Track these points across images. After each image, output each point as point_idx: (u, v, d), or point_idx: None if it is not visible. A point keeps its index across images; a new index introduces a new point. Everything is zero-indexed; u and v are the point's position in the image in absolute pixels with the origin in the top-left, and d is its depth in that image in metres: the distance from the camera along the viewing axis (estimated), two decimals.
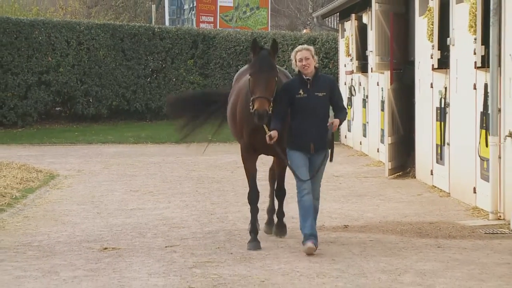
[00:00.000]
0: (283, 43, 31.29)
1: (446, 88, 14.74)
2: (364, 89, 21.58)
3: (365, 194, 14.80)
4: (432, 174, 15.66)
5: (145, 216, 12.85)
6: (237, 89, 10.76)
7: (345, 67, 24.45)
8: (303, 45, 10.47)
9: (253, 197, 10.57)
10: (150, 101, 31.72)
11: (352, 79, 23.20)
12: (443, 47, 14.76)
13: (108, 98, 30.61)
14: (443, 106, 14.86)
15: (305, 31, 38.42)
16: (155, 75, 32.07)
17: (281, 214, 10.99)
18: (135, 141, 26.14)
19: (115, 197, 14.88)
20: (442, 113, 14.90)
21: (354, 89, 23.00)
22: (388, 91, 17.48)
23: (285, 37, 32.42)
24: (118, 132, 28.23)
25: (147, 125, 30.73)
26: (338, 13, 26.32)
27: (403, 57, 18.17)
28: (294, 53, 10.14)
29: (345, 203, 13.79)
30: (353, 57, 22.14)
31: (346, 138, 24.78)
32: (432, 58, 15.17)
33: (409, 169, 17.42)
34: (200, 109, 12.15)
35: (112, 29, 30.97)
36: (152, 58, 31.78)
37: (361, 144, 22.44)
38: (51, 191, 15.55)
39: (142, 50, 31.47)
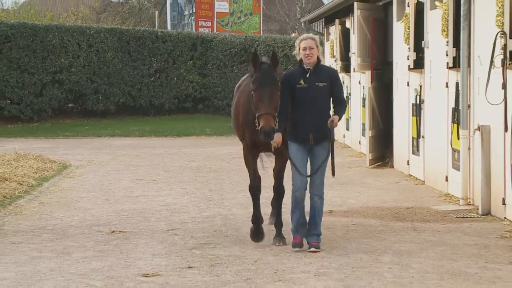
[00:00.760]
0: (273, 45, 31.28)
1: (421, 86, 14.73)
2: (347, 87, 21.56)
3: (348, 182, 14.80)
4: (408, 164, 15.67)
5: (149, 202, 12.84)
6: (239, 92, 9.87)
7: None
8: (308, 33, 9.48)
9: (254, 187, 9.78)
10: (154, 98, 31.70)
11: None
12: (418, 49, 14.75)
13: (116, 95, 30.58)
14: (418, 102, 14.86)
15: (294, 34, 38.38)
16: (158, 75, 32.03)
17: (279, 220, 9.64)
18: (140, 134, 26.12)
19: (122, 185, 14.86)
20: (418, 109, 14.90)
21: None
22: (368, 89, 17.47)
23: (275, 40, 32.50)
24: (124, 126, 28.21)
25: (151, 120, 30.71)
26: (324, 19, 26.31)
27: (382, 58, 18.19)
28: (298, 41, 9.13)
29: (330, 190, 13.75)
30: (337, 58, 22.16)
31: None
32: (408, 59, 15.17)
33: (387, 159, 17.43)
34: None
35: (119, 33, 30.91)
36: (155, 59, 31.74)
37: (344, 137, 22.46)
38: (64, 179, 15.54)
39: (146, 52, 31.42)
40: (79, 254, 9.02)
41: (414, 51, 14.96)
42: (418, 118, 14.89)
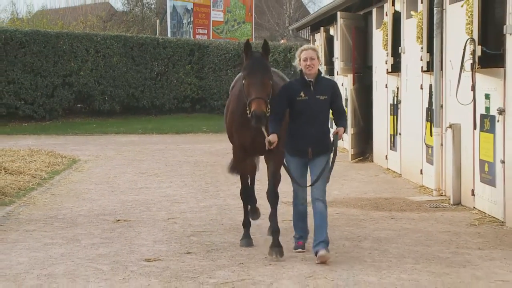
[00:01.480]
0: None
1: (398, 88, 14.74)
2: None
3: (332, 175, 14.72)
4: (386, 158, 15.68)
5: (151, 193, 12.82)
6: (232, 93, 8.85)
7: None
8: (309, 44, 8.42)
9: (245, 194, 8.88)
10: (155, 99, 31.65)
11: None
12: (396, 54, 14.76)
13: (120, 96, 30.51)
14: (395, 103, 14.87)
15: (282, 41, 38.32)
16: (159, 78, 31.95)
17: (275, 228, 8.29)
18: (142, 132, 26.06)
19: (126, 178, 14.83)
20: (395, 109, 14.91)
21: None
22: (350, 91, 17.47)
23: None
24: (128, 124, 28.15)
25: (153, 119, 30.65)
26: (310, 27, 26.34)
27: (363, 63, 18.20)
28: (299, 52, 8.20)
29: None
30: (322, 63, 22.13)
31: None
32: (386, 63, 15.18)
33: (368, 154, 17.44)
34: None
35: (123, 39, 30.85)
36: (156, 63, 31.67)
37: None
38: (74, 173, 15.50)
39: (148, 57, 31.35)
40: (87, 241, 9.00)
41: (391, 56, 14.98)
42: (395, 117, 14.90)
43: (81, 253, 8.37)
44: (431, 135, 12.43)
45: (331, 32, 21.24)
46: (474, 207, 10.70)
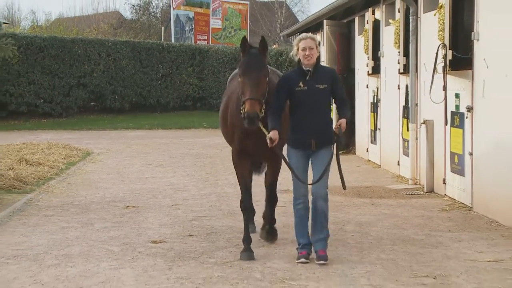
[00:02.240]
0: None
1: (377, 88, 14.75)
2: None
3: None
4: (367, 151, 15.70)
5: (156, 182, 12.81)
6: (229, 92, 7.75)
7: None
8: (307, 33, 7.29)
9: (245, 205, 7.49)
10: (161, 98, 31.67)
11: None
12: (376, 58, 14.77)
13: (129, 95, 30.51)
14: (375, 101, 14.88)
15: (274, 46, 38.29)
16: (164, 79, 31.95)
17: (271, 219, 7.84)
18: (149, 127, 26.06)
19: (134, 168, 14.82)
20: (375, 107, 14.92)
21: None
22: None
23: None
24: (136, 120, 28.14)
25: (158, 115, 30.66)
26: (299, 33, 26.27)
27: (347, 66, 18.18)
28: (297, 41, 7.08)
29: None
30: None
31: None
32: (367, 66, 15.18)
33: (351, 147, 17.44)
34: None
35: (132, 44, 30.84)
36: (162, 66, 31.68)
37: None
38: (88, 164, 15.48)
39: (155, 60, 31.34)
40: (100, 225, 9.00)
41: (372, 60, 14.98)
42: (375, 114, 14.91)
43: (94, 235, 8.37)
44: (407, 130, 12.44)
45: (318, 38, 21.22)
46: (445, 194, 10.72)
